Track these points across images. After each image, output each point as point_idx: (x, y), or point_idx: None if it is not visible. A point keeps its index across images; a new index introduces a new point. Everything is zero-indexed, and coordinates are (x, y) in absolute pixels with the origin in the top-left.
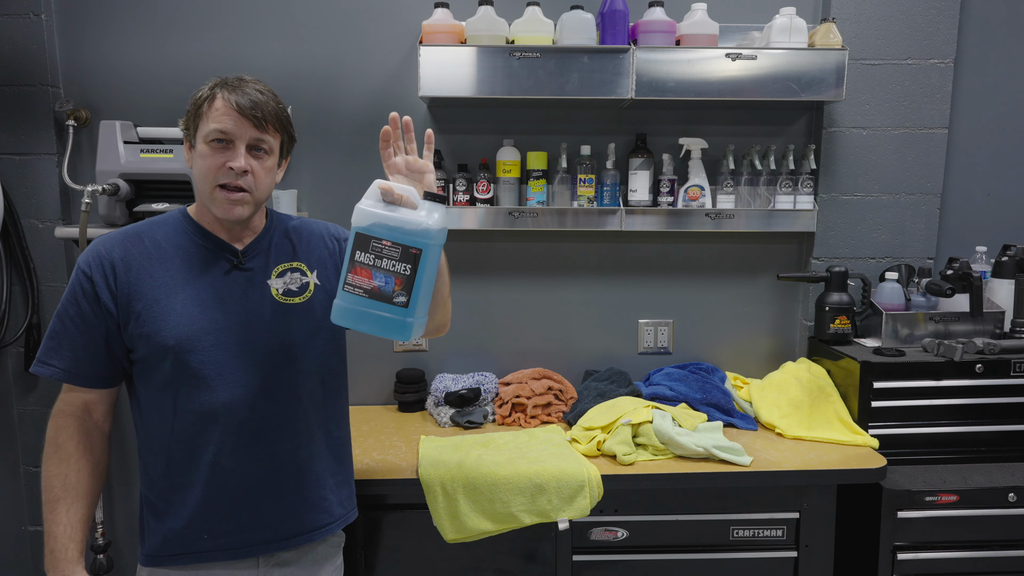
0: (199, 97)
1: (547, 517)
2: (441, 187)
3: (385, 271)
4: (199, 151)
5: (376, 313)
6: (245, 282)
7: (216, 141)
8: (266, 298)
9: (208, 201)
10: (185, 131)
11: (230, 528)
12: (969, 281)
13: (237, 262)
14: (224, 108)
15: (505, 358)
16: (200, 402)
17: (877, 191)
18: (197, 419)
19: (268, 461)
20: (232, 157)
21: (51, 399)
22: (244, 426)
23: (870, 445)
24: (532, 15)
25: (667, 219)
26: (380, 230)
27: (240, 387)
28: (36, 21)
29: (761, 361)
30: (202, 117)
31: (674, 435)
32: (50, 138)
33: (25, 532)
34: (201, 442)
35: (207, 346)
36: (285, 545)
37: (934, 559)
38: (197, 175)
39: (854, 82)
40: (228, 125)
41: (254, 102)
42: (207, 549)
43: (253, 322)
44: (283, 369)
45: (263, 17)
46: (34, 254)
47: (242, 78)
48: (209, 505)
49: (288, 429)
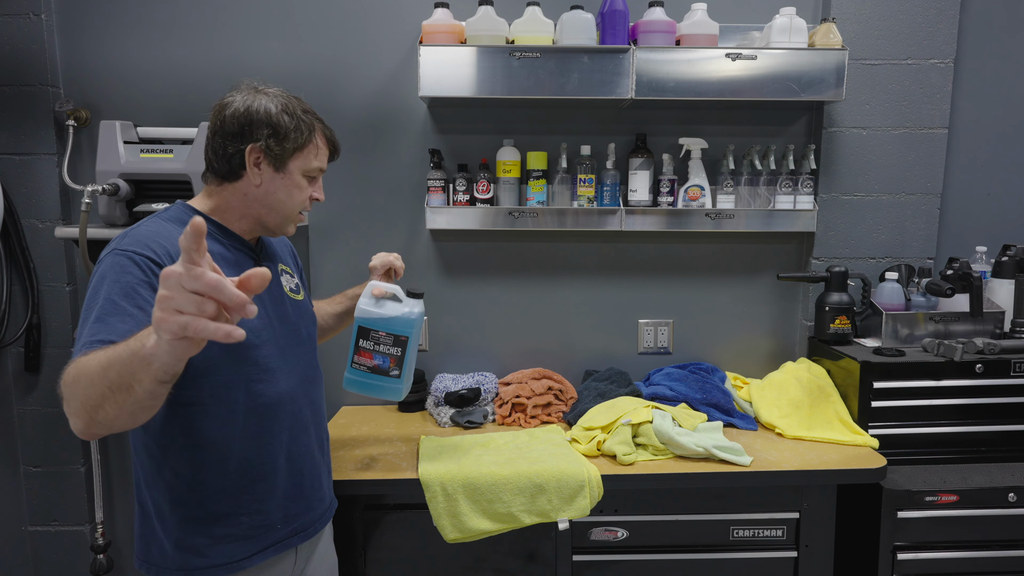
0: (296, 127)
1: (547, 517)
2: (440, 187)
3: (382, 353)
4: (294, 181)
5: (377, 384)
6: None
7: (311, 176)
8: (284, 294)
9: (284, 223)
10: (267, 151)
11: (299, 510)
12: (969, 281)
13: (256, 259)
14: (325, 146)
15: (505, 358)
16: (269, 394)
17: (877, 191)
18: (267, 411)
19: (316, 443)
20: (318, 191)
21: (51, 399)
22: (303, 411)
23: (870, 445)
24: (532, 15)
25: (667, 219)
26: (377, 324)
27: (295, 375)
28: (36, 21)
29: (761, 361)
30: (303, 149)
31: (674, 435)
32: (50, 138)
33: (25, 532)
34: (275, 432)
35: (266, 340)
36: (321, 525)
37: (934, 559)
38: (281, 200)
39: (854, 82)
40: (325, 163)
41: (335, 137)
42: (282, 538)
43: (284, 316)
44: (312, 357)
45: (263, 17)
46: (34, 254)
47: (303, 103)
48: (290, 493)
49: (323, 412)
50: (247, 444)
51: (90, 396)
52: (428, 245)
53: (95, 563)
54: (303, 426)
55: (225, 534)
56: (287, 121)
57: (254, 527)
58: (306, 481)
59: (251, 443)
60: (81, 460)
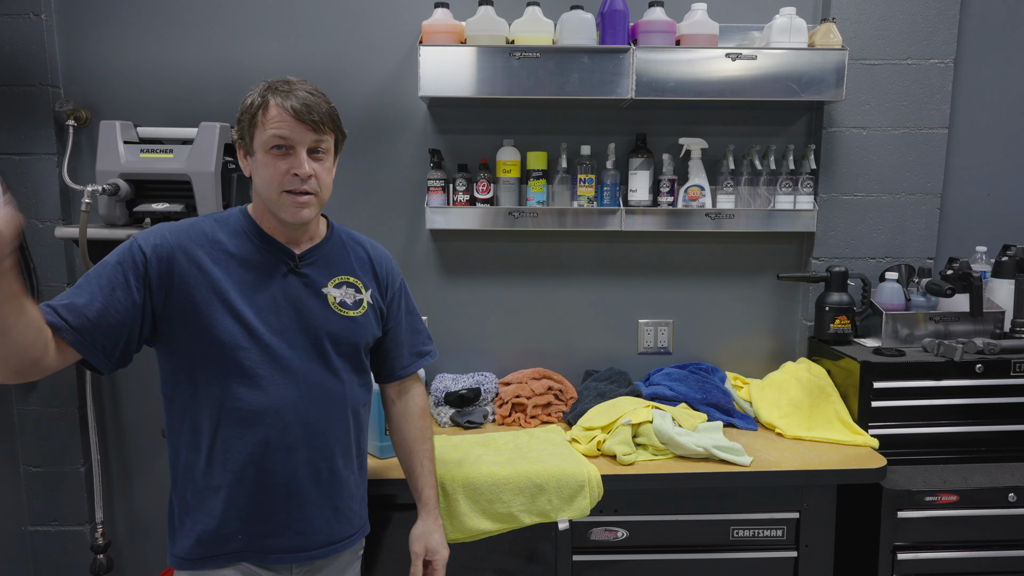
0: (250, 105)
1: (547, 517)
2: (441, 187)
3: None
4: (260, 160)
5: None
6: (301, 287)
7: (276, 148)
8: (322, 305)
9: (275, 207)
10: (240, 140)
11: (265, 531)
12: (969, 281)
13: (294, 265)
14: (280, 114)
15: (505, 358)
16: (248, 401)
17: (877, 191)
18: (243, 418)
19: (309, 467)
20: (295, 164)
21: (51, 399)
22: (290, 428)
23: (870, 445)
24: (532, 15)
25: (667, 219)
26: None
27: (290, 390)
28: (36, 21)
29: (761, 361)
30: (257, 126)
31: (674, 435)
32: (50, 138)
33: (25, 532)
34: (246, 441)
35: (260, 346)
36: (317, 554)
37: (934, 559)
38: (260, 183)
39: (854, 82)
40: (286, 131)
41: (308, 105)
42: (240, 550)
43: (307, 328)
44: (332, 376)
45: (263, 17)
46: (34, 254)
47: (288, 80)
48: (249, 507)
49: (331, 436)
50: (219, 446)
51: None
52: (428, 245)
53: (95, 563)
54: (286, 446)
55: (190, 528)
56: (245, 104)
57: (208, 531)
58: (278, 504)
59: (222, 446)
60: (81, 460)
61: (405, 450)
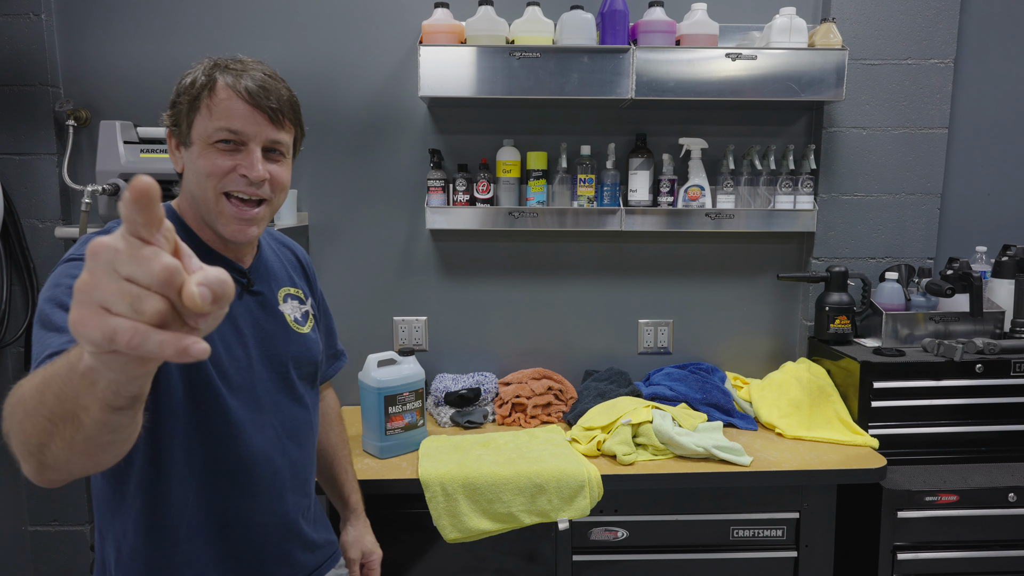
0: (191, 84)
1: (547, 517)
2: (440, 187)
3: (409, 411)
4: (197, 151)
5: (410, 438)
6: (258, 308)
7: (223, 143)
8: (283, 326)
9: (211, 215)
10: (173, 127)
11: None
12: (969, 281)
13: (247, 283)
14: (230, 97)
15: (505, 358)
16: (234, 453)
17: (877, 191)
18: (229, 470)
19: (291, 512)
20: (246, 164)
21: None
22: (278, 474)
23: (870, 445)
24: (532, 15)
25: (667, 219)
26: (399, 388)
27: (270, 429)
28: (36, 21)
29: (761, 361)
30: (199, 110)
31: (674, 435)
32: (50, 138)
33: (25, 532)
34: (230, 495)
35: (234, 387)
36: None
37: (934, 559)
38: (194, 179)
39: (854, 82)
40: (238, 123)
41: (265, 88)
42: None
43: (274, 356)
44: (302, 408)
45: (263, 17)
46: (34, 254)
47: (240, 59)
48: (226, 563)
49: (308, 475)
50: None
51: (30, 432)
52: (428, 245)
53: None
54: (277, 492)
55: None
56: (184, 83)
57: None
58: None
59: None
60: None
61: (327, 458)
